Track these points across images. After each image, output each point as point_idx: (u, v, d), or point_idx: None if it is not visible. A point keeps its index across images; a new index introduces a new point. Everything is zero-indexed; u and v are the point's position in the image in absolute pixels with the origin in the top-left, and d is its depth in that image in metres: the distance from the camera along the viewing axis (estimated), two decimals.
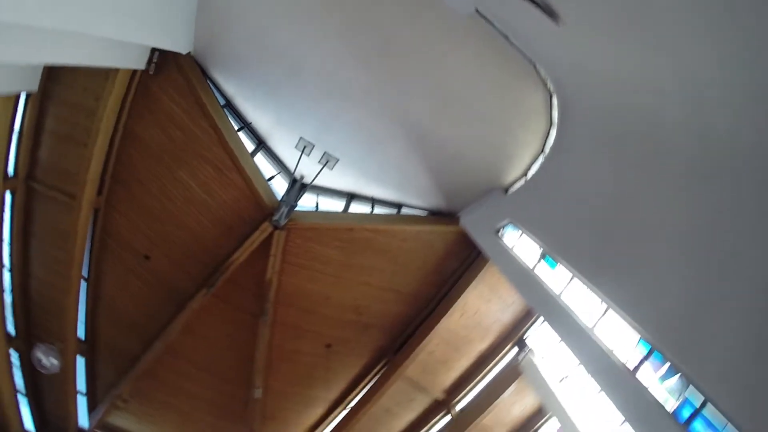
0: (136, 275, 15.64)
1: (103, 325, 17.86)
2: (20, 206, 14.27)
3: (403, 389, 15.44)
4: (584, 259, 9.44)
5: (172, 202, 14.52)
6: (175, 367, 18.02)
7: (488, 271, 13.07)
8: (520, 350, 13.73)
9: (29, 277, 15.87)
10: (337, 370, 16.53)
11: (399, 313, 15.24)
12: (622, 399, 8.19)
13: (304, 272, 14.91)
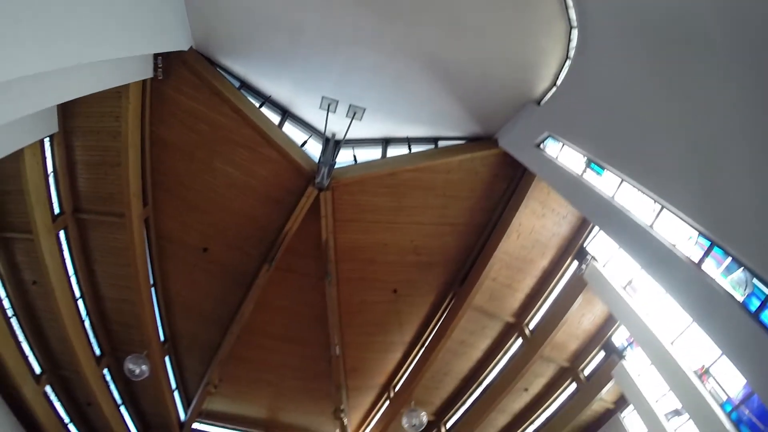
0: (200, 269, 16.17)
1: (180, 323, 18.73)
2: (75, 239, 14.80)
3: (474, 319, 15.79)
4: (630, 160, 9.11)
5: (216, 191, 14.81)
6: (255, 343, 18.89)
7: (537, 187, 13.03)
8: (581, 261, 13.75)
9: (102, 300, 16.68)
10: (408, 313, 17.03)
11: (457, 245, 15.47)
12: (689, 296, 8.11)
13: (356, 225, 15.24)
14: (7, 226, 13.43)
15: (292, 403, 21.91)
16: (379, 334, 18.10)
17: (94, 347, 17.10)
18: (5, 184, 12.33)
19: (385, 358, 19.13)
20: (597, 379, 13.94)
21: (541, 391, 15.97)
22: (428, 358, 16.55)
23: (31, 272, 14.37)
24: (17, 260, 14.30)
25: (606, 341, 14.09)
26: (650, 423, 12.18)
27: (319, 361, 19.42)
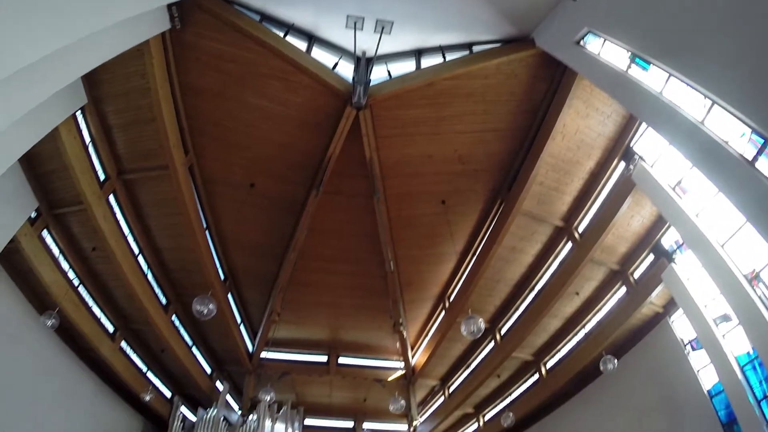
0: (249, 204, 16.49)
1: (238, 260, 19.42)
2: (125, 200, 15.13)
3: (523, 224, 15.76)
4: (679, 54, 8.42)
5: (253, 127, 14.81)
6: (312, 268, 19.49)
7: (579, 87, 12.51)
8: (629, 161, 13.29)
9: (160, 252, 17.28)
10: (457, 222, 17.21)
11: (501, 150, 15.28)
12: (742, 195, 7.87)
13: (399, 140, 15.17)
14: (58, 204, 13.78)
15: (352, 321, 22.86)
16: (430, 246, 18.42)
17: (159, 297, 17.94)
18: (48, 164, 12.55)
19: (438, 270, 19.61)
20: (646, 283, 13.88)
21: (591, 294, 16.12)
22: (480, 267, 16.74)
23: (88, 240, 14.83)
24: (74, 232, 14.72)
25: (655, 244, 13.94)
26: (699, 327, 12.21)
27: (375, 278, 20.05)
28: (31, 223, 12.89)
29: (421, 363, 22.61)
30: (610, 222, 12.95)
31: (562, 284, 14.76)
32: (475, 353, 20.78)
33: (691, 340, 13.37)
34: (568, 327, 17.04)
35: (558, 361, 17.85)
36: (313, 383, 24.56)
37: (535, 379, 18.90)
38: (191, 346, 20.83)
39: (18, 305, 14.11)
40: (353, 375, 24.11)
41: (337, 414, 26.27)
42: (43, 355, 15.14)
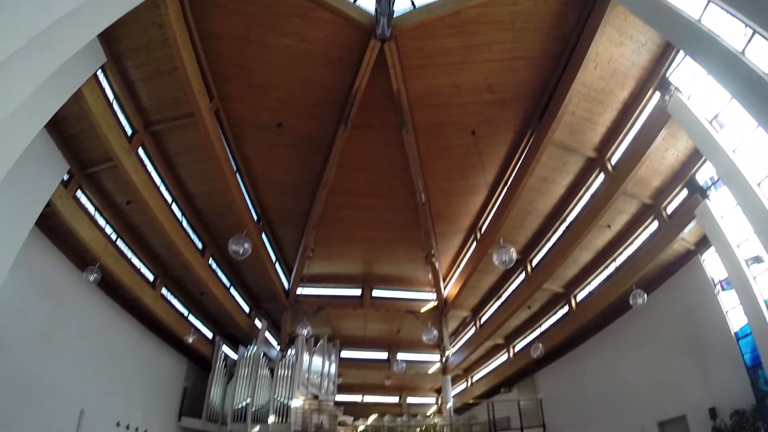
0: (278, 144, 16.48)
1: (270, 200, 19.70)
2: (154, 151, 15.17)
3: (555, 155, 15.37)
4: None
5: (276, 66, 14.57)
6: (343, 203, 19.70)
7: (612, 13, 11.70)
8: (664, 92, 12.56)
9: (192, 198, 17.51)
10: (488, 153, 16.94)
11: (532, 79, 14.72)
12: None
13: (426, 71, 14.79)
14: (89, 163, 13.83)
15: (385, 254, 23.29)
16: (461, 177, 18.35)
17: (195, 243, 18.39)
18: (75, 126, 12.46)
19: (469, 201, 19.60)
20: (679, 218, 13.41)
21: (623, 228, 15.78)
22: (512, 197, 16.57)
23: (122, 194, 14.95)
24: (107, 188, 14.84)
25: (690, 179, 13.42)
26: (730, 267, 11.85)
27: (407, 211, 20.18)
28: (64, 185, 13.06)
29: (452, 294, 23.05)
30: (643, 154, 12.50)
31: (593, 216, 14.55)
32: (506, 285, 21.01)
33: (721, 280, 13.07)
34: (599, 260, 16.89)
35: (588, 294, 17.82)
36: (347, 317, 25.41)
37: (565, 311, 19.03)
38: (229, 287, 21.52)
39: (61, 265, 14.59)
40: (387, 307, 24.82)
41: (371, 346, 27.33)
42: (89, 309, 15.83)
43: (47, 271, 13.93)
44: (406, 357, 25.40)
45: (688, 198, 13.11)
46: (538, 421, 20.15)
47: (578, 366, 18.68)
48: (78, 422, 14.72)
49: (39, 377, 13.35)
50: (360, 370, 27.94)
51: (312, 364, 21.92)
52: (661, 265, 14.36)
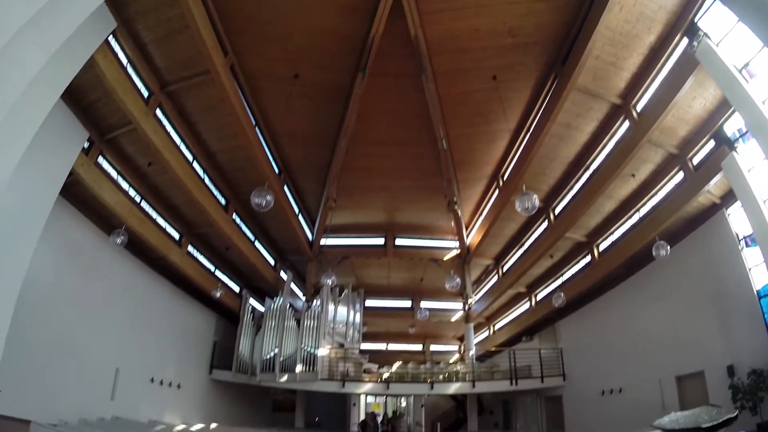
0: (296, 96, 16.22)
1: (290, 152, 19.68)
2: (172, 111, 15.08)
3: (579, 100, 14.81)
4: None
5: (290, 16, 14.15)
6: (364, 152, 19.57)
7: None
8: (692, 38, 11.88)
9: (213, 155, 17.55)
10: (510, 98, 16.48)
11: (554, 22, 13.99)
12: None
13: (444, 15, 14.23)
14: (108, 129, 13.88)
15: (407, 202, 23.25)
16: (483, 124, 17.95)
17: (218, 199, 18.54)
18: (91, 93, 12.43)
19: (491, 148, 19.24)
20: (705, 170, 12.93)
21: (648, 178, 15.37)
22: (534, 144, 16.10)
23: (143, 157, 15.05)
24: (127, 152, 14.95)
25: (717, 130, 12.80)
26: (756, 223, 11.40)
27: (428, 159, 19.97)
28: (85, 153, 13.19)
29: (475, 242, 23.05)
30: (670, 102, 11.96)
31: (617, 165, 14.17)
32: (528, 233, 20.93)
33: (746, 236, 12.76)
34: (623, 209, 16.61)
35: (611, 243, 17.65)
36: (371, 266, 25.69)
37: (588, 260, 18.93)
38: (254, 241, 21.88)
39: (88, 231, 14.98)
40: (410, 256, 25.00)
41: (395, 294, 27.76)
42: (119, 272, 16.36)
43: (76, 237, 14.37)
44: (429, 305, 25.59)
45: (714, 149, 12.66)
46: (558, 371, 20.46)
47: (599, 317, 18.75)
48: (114, 380, 15.50)
49: (76, 340, 14.05)
50: (384, 318, 28.43)
51: (337, 313, 22.39)
52: (685, 217, 14.10)
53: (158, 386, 17.86)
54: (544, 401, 21.84)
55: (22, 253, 10.87)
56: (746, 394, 11.26)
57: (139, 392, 16.87)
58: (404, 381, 22.03)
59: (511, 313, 25.82)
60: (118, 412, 14.79)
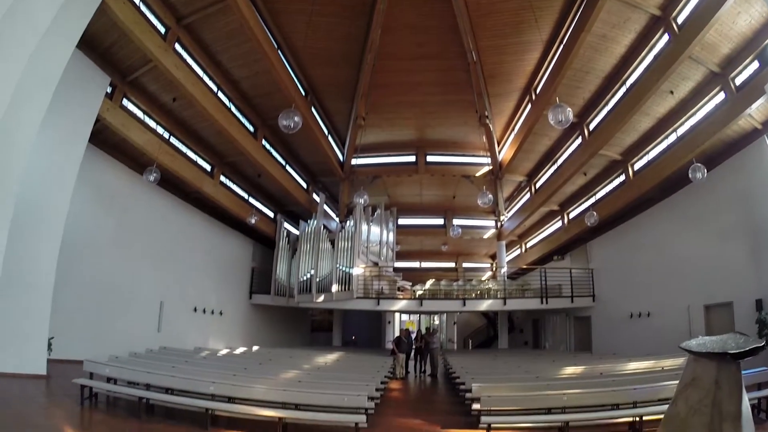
0: (316, 14, 15.72)
1: (315, 73, 19.36)
2: (191, 43, 14.88)
3: (615, 10, 13.70)
4: None
5: None
6: (391, 68, 19.12)
7: None
8: None
9: (237, 83, 17.48)
10: (542, 8, 15.58)
11: None
12: None
13: None
14: (129, 70, 13.95)
15: (438, 118, 22.83)
16: (513, 35, 17.19)
17: (246, 126, 18.64)
18: (108, 38, 12.46)
19: (522, 60, 18.47)
20: (748, 92, 12.00)
21: (687, 96, 14.44)
22: (568, 55, 15.24)
23: (167, 93, 15.18)
24: (151, 90, 15.07)
25: (762, 50, 11.87)
26: None
27: (458, 72, 19.41)
28: (109, 97, 13.37)
29: (507, 158, 22.69)
30: (713, 16, 11.02)
31: (655, 80, 13.39)
32: (562, 149, 20.40)
33: None
34: (660, 128, 15.87)
35: (646, 163, 17.08)
36: (403, 184, 25.70)
37: (622, 180, 18.53)
38: (285, 166, 22.11)
39: (121, 173, 15.52)
40: (441, 172, 24.83)
41: (427, 212, 27.86)
42: (155, 209, 17.06)
43: (109, 181, 15.00)
44: (461, 223, 25.83)
45: (759, 71, 11.82)
46: (588, 291, 20.66)
47: (630, 239, 18.60)
48: (159, 313, 16.52)
49: (120, 279, 15.06)
50: (417, 236, 28.81)
51: (370, 233, 22.79)
52: (725, 141, 13.48)
53: (201, 315, 19.03)
54: (573, 321, 22.29)
55: (59, 204, 11.44)
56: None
57: (183, 322, 18.08)
58: (437, 298, 22.56)
59: (543, 231, 25.85)
60: (165, 343, 15.79)
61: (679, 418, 3.35)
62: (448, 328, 31.95)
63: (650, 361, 12.54)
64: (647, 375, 10.60)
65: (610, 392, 8.91)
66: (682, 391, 3.46)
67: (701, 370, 3.35)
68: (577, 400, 8.70)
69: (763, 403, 8.24)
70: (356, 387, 9.52)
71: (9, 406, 7.97)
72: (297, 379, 10.84)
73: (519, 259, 28.53)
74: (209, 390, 8.90)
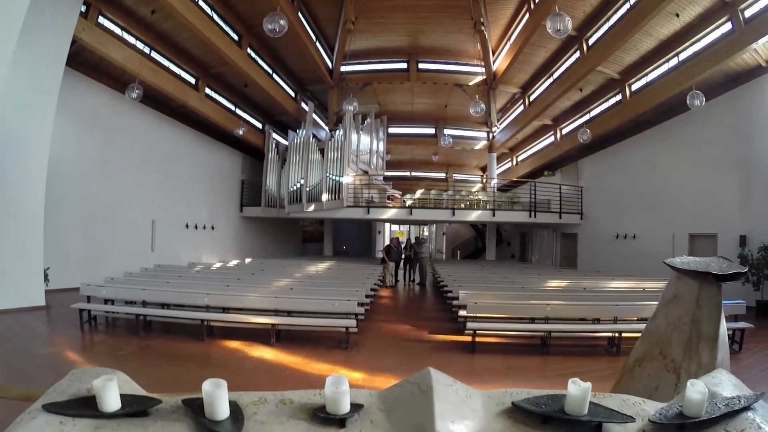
0: None
1: None
2: None
3: None
4: None
5: None
6: None
7: None
8: None
9: None
10: None
11: None
12: None
13: None
14: None
15: (431, 24, 21.88)
16: None
17: (230, 35, 17.71)
18: None
19: None
20: (756, 26, 11.58)
21: (693, 21, 13.82)
22: None
23: (145, 5, 14.28)
24: (127, 4, 14.06)
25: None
26: None
27: None
28: (84, 16, 12.60)
29: (502, 68, 22.15)
30: None
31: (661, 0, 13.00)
32: (559, 62, 19.91)
33: None
34: (661, 50, 15.42)
35: (644, 84, 16.81)
36: (394, 91, 25.14)
37: (618, 99, 18.29)
38: (272, 75, 21.37)
39: (103, 94, 14.98)
40: (434, 80, 24.23)
41: (419, 121, 27.49)
42: (141, 128, 16.68)
43: (91, 103, 14.58)
44: (453, 133, 25.63)
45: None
46: (577, 209, 21.08)
47: (622, 159, 18.77)
48: (152, 233, 16.71)
49: (110, 202, 15.13)
50: (408, 146, 28.69)
51: (360, 141, 22.67)
52: (727, 73, 13.26)
53: (193, 231, 19.33)
54: (560, 237, 22.97)
55: (41, 132, 11.22)
56: (753, 268, 11.76)
57: (176, 240, 18.38)
58: (427, 207, 22.83)
59: (535, 145, 25.77)
60: (159, 262, 16.11)
61: (658, 332, 3.41)
62: (438, 239, 32.71)
63: (633, 281, 13.14)
64: (629, 294, 11.21)
65: (593, 306, 9.52)
66: (663, 308, 3.52)
67: (683, 288, 3.40)
68: (560, 312, 9.32)
69: (738, 334, 8.71)
70: (346, 293, 10.12)
71: (11, 338, 8.33)
72: (289, 287, 11.39)
73: (510, 172, 28.69)
74: (204, 302, 9.47)
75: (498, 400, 2.08)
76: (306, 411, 1.96)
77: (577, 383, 1.92)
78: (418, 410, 1.92)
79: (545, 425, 1.95)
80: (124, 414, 1.78)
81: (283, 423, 1.88)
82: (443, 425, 1.83)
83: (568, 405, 1.94)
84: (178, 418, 1.84)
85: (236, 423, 1.79)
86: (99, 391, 1.75)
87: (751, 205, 12.86)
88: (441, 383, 2.02)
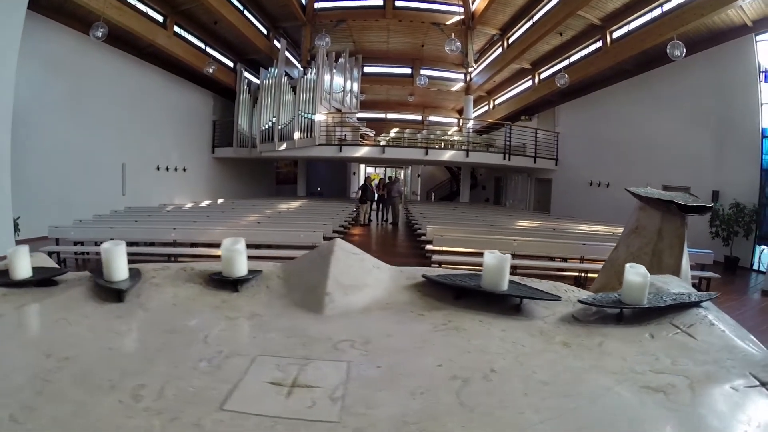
0: None
1: None
2: None
3: None
4: None
5: None
6: None
7: None
8: None
9: None
10: None
11: None
12: None
13: None
14: None
15: None
16: None
17: None
18: None
19: None
20: None
21: None
22: None
23: None
24: None
25: None
26: None
27: None
28: None
29: (481, 8, 21.80)
30: None
31: None
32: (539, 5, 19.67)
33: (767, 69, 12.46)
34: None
35: (626, 33, 16.80)
36: (370, 29, 24.52)
37: (598, 46, 18.23)
38: (243, 11, 20.55)
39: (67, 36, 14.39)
40: (410, 18, 23.66)
41: (394, 61, 26.98)
42: (108, 69, 16.13)
43: (55, 47, 14.03)
44: (429, 74, 25.38)
45: None
46: (553, 154, 21.42)
47: (599, 108, 19.01)
48: (122, 176, 16.51)
49: (79, 147, 14.85)
50: (383, 85, 28.29)
51: (334, 80, 22.36)
52: (711, 28, 13.38)
53: (164, 173, 19.17)
54: (535, 183, 23.39)
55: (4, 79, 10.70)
56: (723, 223, 12.34)
57: (147, 182, 18.20)
58: (400, 146, 22.94)
59: (512, 89, 25.64)
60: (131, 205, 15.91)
61: (618, 262, 3.31)
62: (412, 181, 32.89)
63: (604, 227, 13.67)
64: (597, 236, 11.61)
65: (560, 244, 9.92)
66: (625, 238, 3.52)
67: (645, 219, 3.38)
68: (527, 248, 9.65)
69: (704, 284, 9.13)
70: (314, 226, 10.49)
71: None
72: (256, 221, 11.58)
73: (486, 115, 28.62)
74: (170, 237, 9.58)
75: (410, 275, 2.18)
76: (203, 276, 2.13)
77: (495, 253, 1.86)
78: (314, 274, 2.02)
79: (459, 300, 1.94)
80: (34, 283, 1.97)
81: (178, 286, 2.06)
82: (335, 286, 1.91)
83: (485, 277, 1.87)
84: (83, 283, 2.05)
85: (132, 282, 1.99)
86: (11, 259, 1.95)
87: (725, 162, 13.32)
88: (344, 250, 2.15)
